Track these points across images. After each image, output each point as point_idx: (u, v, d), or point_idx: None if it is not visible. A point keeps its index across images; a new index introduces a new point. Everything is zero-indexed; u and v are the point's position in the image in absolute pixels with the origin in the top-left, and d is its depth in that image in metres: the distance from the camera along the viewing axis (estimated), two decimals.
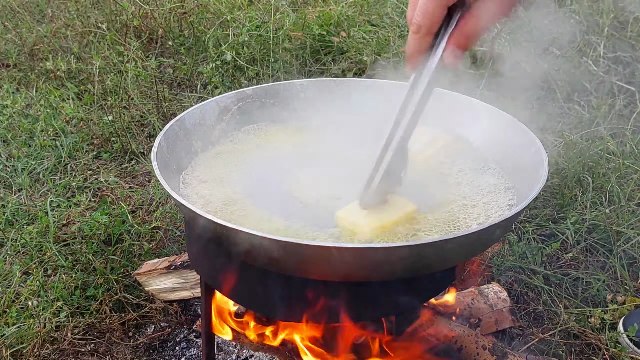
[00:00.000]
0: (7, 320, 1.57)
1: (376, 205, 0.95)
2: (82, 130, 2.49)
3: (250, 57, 2.86)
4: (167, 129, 1.11)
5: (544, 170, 0.99)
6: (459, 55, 0.78)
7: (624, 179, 2.03)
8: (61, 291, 1.65)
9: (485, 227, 0.84)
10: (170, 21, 3.23)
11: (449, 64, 0.79)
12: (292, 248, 0.81)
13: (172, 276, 1.59)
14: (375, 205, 0.94)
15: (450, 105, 1.27)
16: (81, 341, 1.56)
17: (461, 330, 1.18)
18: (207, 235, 0.92)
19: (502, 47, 2.65)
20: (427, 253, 0.83)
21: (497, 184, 1.10)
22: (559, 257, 1.82)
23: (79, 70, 2.93)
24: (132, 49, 2.84)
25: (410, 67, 0.84)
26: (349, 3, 3.24)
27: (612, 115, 2.38)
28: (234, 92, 1.28)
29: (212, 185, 1.09)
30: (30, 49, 3.22)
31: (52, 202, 2.06)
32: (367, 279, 0.87)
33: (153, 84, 2.63)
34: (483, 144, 1.21)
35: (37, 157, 2.35)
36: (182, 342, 1.58)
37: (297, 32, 2.93)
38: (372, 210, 0.94)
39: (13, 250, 1.84)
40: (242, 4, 3.40)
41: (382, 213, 0.94)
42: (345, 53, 2.86)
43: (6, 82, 2.94)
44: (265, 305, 0.97)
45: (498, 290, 1.53)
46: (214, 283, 1.07)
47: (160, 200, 2.04)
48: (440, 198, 1.06)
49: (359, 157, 1.09)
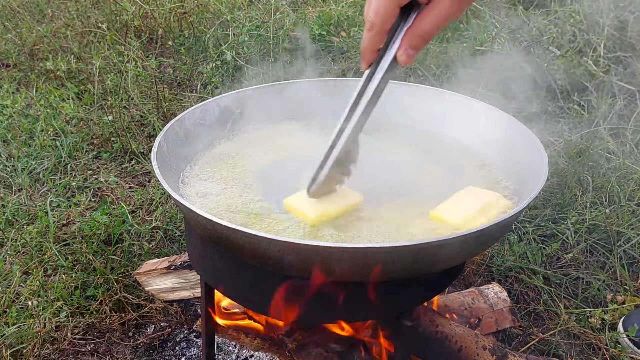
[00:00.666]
0: (7, 320, 1.57)
1: (324, 194, 0.99)
2: (82, 130, 2.49)
3: (250, 57, 2.86)
4: (167, 129, 1.11)
5: (544, 170, 0.99)
6: (412, 54, 0.81)
7: (624, 179, 2.03)
8: (61, 291, 1.65)
9: (485, 227, 0.84)
10: (170, 21, 3.23)
11: (402, 62, 0.82)
12: (291, 248, 0.81)
13: (172, 276, 1.59)
14: (323, 194, 0.98)
15: (449, 105, 1.27)
16: (81, 341, 1.56)
17: (461, 330, 1.18)
18: (207, 235, 0.92)
19: (501, 47, 2.66)
20: (426, 253, 0.83)
21: (497, 184, 1.10)
22: (559, 257, 1.82)
23: (79, 70, 2.93)
24: (132, 49, 2.84)
25: (365, 63, 0.86)
26: (348, 3, 3.24)
27: (612, 115, 2.38)
28: (234, 92, 1.28)
29: (211, 184, 1.09)
30: (30, 49, 3.22)
31: (52, 202, 2.06)
32: (367, 279, 0.87)
33: (153, 84, 2.63)
34: (483, 143, 1.21)
35: (37, 157, 2.35)
36: (182, 342, 1.58)
37: (297, 32, 2.94)
38: (321, 199, 0.98)
39: (13, 250, 1.84)
40: (242, 4, 3.40)
41: (328, 202, 0.98)
42: (345, 53, 2.86)
43: (6, 82, 2.94)
44: (264, 305, 0.96)
45: (498, 290, 1.53)
46: (213, 283, 1.07)
47: (160, 200, 2.04)
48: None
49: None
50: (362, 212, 1.00)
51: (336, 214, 0.98)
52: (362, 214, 1.00)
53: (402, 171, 1.15)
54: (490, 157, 1.18)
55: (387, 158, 1.19)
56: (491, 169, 1.15)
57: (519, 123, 1.15)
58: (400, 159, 1.19)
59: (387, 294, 0.94)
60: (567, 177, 2.04)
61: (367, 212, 1.00)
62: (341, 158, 0.92)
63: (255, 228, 0.96)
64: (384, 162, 1.17)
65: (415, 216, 0.99)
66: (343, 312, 0.95)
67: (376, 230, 0.95)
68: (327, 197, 0.99)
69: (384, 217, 0.99)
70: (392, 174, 1.14)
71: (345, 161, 0.94)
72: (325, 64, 2.86)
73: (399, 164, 1.17)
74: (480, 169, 1.16)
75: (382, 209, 1.01)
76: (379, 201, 1.03)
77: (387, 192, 1.07)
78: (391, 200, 1.04)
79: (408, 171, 1.15)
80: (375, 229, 0.96)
